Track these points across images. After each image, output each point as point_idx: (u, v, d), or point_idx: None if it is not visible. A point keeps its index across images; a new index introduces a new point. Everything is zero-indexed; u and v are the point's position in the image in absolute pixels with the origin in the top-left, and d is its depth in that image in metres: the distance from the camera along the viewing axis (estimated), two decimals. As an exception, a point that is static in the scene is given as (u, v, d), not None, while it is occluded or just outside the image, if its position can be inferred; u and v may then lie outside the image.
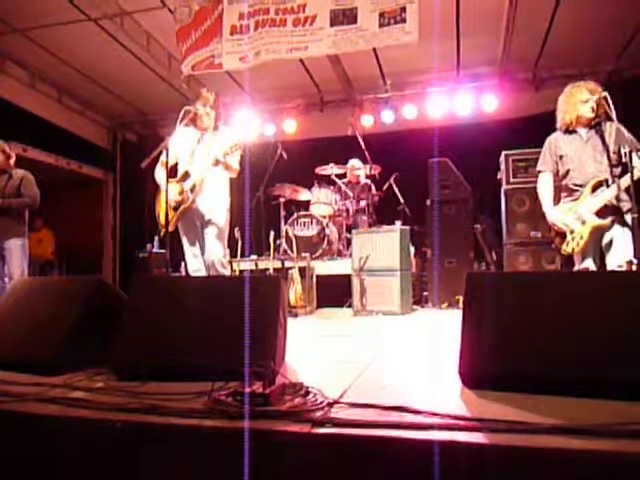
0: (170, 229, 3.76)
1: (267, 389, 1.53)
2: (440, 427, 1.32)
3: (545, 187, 3.57)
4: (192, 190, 3.72)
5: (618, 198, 3.27)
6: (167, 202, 3.64)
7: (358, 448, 1.27)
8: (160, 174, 3.80)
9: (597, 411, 1.42)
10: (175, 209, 3.75)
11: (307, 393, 1.62)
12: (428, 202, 6.00)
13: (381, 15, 4.78)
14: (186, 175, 3.75)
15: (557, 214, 3.44)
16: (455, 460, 1.21)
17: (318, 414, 1.44)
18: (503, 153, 5.79)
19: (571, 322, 1.69)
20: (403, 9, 4.72)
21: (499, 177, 5.86)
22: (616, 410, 1.42)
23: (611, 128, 3.34)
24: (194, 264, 3.85)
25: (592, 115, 3.35)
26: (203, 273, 3.78)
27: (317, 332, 4.12)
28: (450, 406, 1.51)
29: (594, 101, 3.29)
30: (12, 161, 4.87)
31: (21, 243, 4.76)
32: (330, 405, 1.53)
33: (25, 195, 4.78)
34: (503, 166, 5.75)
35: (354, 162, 6.90)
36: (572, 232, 3.35)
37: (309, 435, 1.30)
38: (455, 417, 1.39)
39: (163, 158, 3.57)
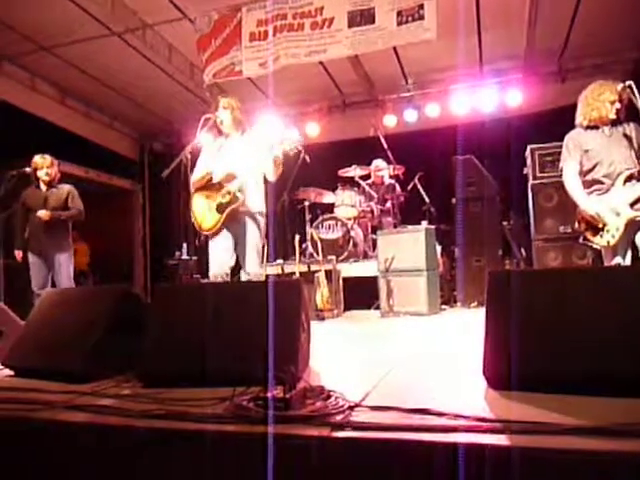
0: (214, 230, 3.75)
1: (288, 394, 1.52)
2: (463, 429, 1.30)
3: (573, 177, 3.44)
4: (240, 190, 3.70)
5: None
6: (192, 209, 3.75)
7: (377, 451, 1.26)
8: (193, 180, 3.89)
9: (626, 410, 1.38)
10: (220, 211, 3.72)
11: (328, 397, 1.61)
12: (454, 200, 5.93)
13: (399, 13, 4.76)
14: (230, 177, 3.71)
15: (591, 203, 3.33)
16: (479, 463, 1.18)
17: (338, 418, 1.43)
18: (529, 147, 5.63)
19: (598, 319, 1.64)
20: (421, 6, 4.69)
21: (525, 172, 5.74)
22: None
23: (630, 128, 3.36)
24: (219, 261, 3.75)
25: (615, 118, 3.37)
26: (223, 276, 3.74)
27: (343, 335, 4.11)
28: (474, 407, 1.49)
29: (619, 103, 3.33)
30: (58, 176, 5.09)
31: (68, 254, 4.94)
32: (351, 408, 1.52)
33: (72, 208, 4.98)
34: (529, 161, 5.61)
35: (377, 163, 6.86)
36: (605, 225, 3.27)
37: (328, 439, 1.30)
38: (479, 419, 1.36)
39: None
